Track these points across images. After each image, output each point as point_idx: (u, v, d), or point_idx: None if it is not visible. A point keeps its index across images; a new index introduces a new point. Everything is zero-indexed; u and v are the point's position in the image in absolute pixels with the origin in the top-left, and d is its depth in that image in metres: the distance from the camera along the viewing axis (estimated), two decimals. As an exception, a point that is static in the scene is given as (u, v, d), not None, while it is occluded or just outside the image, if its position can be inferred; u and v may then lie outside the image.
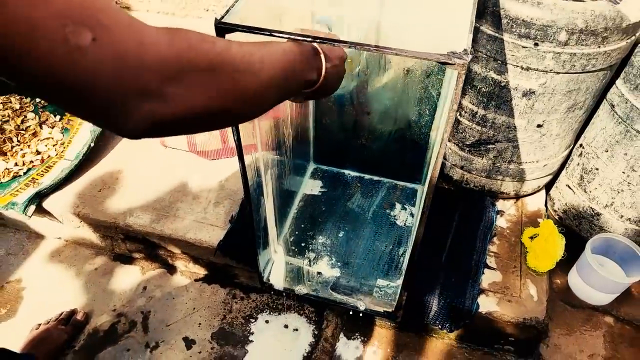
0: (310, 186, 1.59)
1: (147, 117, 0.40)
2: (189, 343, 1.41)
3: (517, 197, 1.55)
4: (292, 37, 0.68)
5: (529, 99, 1.24)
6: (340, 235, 1.44)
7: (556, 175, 1.57)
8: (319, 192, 1.57)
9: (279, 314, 1.48)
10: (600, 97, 1.35)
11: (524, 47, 1.14)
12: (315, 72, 0.65)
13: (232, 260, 1.45)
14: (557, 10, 1.07)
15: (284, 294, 1.42)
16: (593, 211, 1.44)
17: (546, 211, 1.59)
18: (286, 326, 1.45)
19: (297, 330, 1.44)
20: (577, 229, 1.51)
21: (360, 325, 1.43)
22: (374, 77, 1.36)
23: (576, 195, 1.47)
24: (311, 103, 1.45)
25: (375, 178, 1.60)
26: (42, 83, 0.35)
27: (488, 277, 1.34)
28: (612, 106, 1.29)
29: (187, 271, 1.59)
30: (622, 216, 1.38)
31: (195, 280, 1.57)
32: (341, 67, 0.73)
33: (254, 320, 1.46)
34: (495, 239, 1.44)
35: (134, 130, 0.41)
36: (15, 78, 0.35)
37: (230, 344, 1.41)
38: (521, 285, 1.32)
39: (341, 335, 1.42)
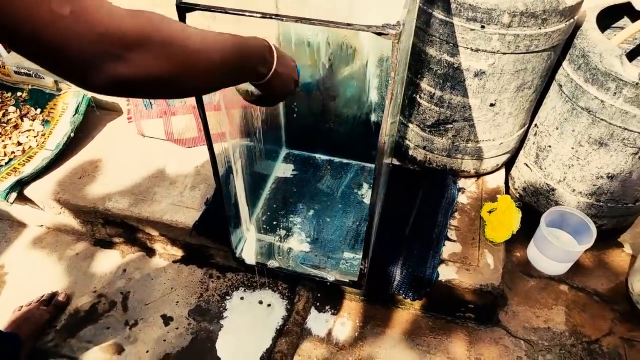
0: (283, 169, 1.66)
1: (111, 75, 0.50)
2: (166, 320, 1.48)
3: (478, 175, 1.64)
4: (246, 14, 0.76)
5: (481, 79, 1.32)
6: (310, 214, 1.52)
7: (515, 155, 1.66)
8: (291, 174, 1.64)
9: (254, 290, 1.54)
10: (550, 78, 1.44)
11: (472, 30, 1.23)
12: (265, 67, 0.73)
13: (207, 240, 1.51)
14: (500, -6, 1.16)
15: (257, 269, 1.48)
16: (548, 187, 1.53)
17: (507, 190, 1.68)
18: (260, 302, 1.52)
19: (270, 305, 1.51)
20: (535, 205, 1.60)
21: (330, 300, 1.50)
22: (338, 64, 1.44)
23: (533, 172, 1.56)
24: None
25: (345, 161, 1.68)
26: (31, 44, 0.44)
27: (448, 249, 1.42)
28: (560, 86, 1.38)
29: (165, 253, 1.65)
30: (574, 190, 1.47)
31: (173, 261, 1.63)
32: (289, 74, 0.79)
33: (229, 298, 1.53)
34: (456, 214, 1.52)
35: (99, 84, 0.50)
36: (11, 41, 0.44)
37: (206, 319, 1.47)
38: (479, 255, 1.40)
39: (312, 309, 1.49)
